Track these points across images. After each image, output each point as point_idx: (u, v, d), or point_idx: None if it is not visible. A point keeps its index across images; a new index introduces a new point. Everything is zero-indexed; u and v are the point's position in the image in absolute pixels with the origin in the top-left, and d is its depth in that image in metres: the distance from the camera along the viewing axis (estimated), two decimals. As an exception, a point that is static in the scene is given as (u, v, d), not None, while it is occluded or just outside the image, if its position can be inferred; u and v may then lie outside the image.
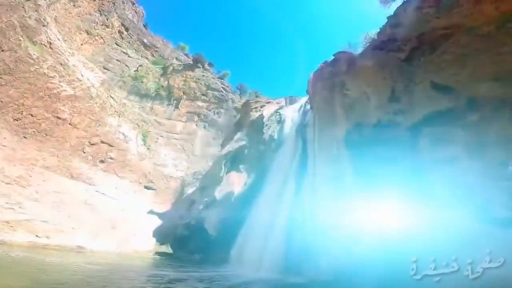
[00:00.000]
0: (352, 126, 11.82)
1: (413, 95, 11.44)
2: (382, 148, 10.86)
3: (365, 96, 13.13)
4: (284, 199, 18.39)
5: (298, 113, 30.77)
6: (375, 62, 14.79)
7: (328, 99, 15.23)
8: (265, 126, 29.37)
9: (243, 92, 54.11)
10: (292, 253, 13.04)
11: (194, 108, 45.65)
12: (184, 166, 39.72)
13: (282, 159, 24.69)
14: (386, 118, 10.90)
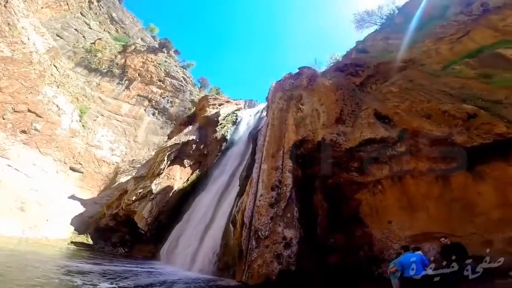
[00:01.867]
0: (299, 140, 12.57)
1: (357, 120, 12.74)
2: (319, 167, 11.82)
3: (316, 113, 14.16)
4: (227, 201, 18.41)
5: (254, 118, 32.09)
6: (333, 82, 16.07)
7: (284, 109, 15.96)
8: (220, 124, 29.12)
9: (204, 87, 52.90)
10: (228, 255, 13.06)
11: (147, 93, 42.79)
12: (122, 151, 36.47)
13: (231, 161, 24.78)
14: (330, 137, 11.93)
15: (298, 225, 9.92)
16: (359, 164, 11.28)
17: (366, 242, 11.13)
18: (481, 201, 9.38)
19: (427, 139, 9.90)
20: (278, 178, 10.66)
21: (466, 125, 9.15)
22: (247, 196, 11.52)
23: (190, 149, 27.14)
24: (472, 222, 9.40)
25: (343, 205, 11.72)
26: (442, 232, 9.43)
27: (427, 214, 10.24)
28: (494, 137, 8.62)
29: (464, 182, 9.64)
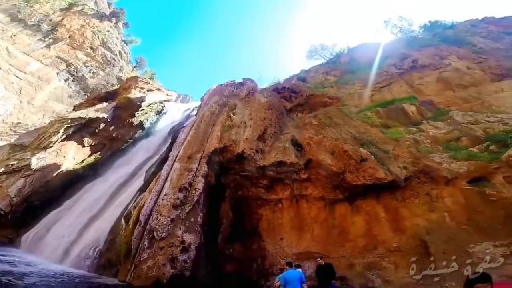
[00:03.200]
0: (221, 148, 12.57)
1: (275, 142, 13.70)
2: (233, 177, 12.04)
3: (244, 126, 14.54)
4: (125, 194, 16.43)
5: (183, 114, 30.23)
6: (268, 101, 16.94)
7: (215, 114, 15.75)
8: (141, 110, 26.29)
9: (140, 67, 47.71)
10: (113, 252, 11.45)
11: (69, 57, 35.54)
12: (7, 110, 28.42)
13: (142, 152, 22.47)
14: (249, 152, 12.43)
15: (200, 231, 9.67)
16: (268, 182, 12.06)
17: (260, 255, 11.75)
18: (353, 230, 11.25)
19: (326, 171, 11.41)
20: (189, 181, 10.25)
21: (357, 166, 11.00)
22: (149, 193, 10.57)
23: (96, 127, 23.35)
24: (343, 246, 11.09)
25: (246, 217, 12.20)
26: (320, 253, 10.84)
27: (311, 236, 11.64)
28: (374, 180, 10.62)
29: (344, 212, 11.50)
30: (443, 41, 20.47)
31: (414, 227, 10.07)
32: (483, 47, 18.66)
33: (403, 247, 10.09)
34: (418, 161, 10.44)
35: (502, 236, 8.59)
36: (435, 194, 9.99)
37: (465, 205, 9.44)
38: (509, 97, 13.38)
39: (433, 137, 11.64)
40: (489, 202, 9.01)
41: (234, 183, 11.92)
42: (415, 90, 16.89)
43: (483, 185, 9.39)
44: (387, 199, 10.78)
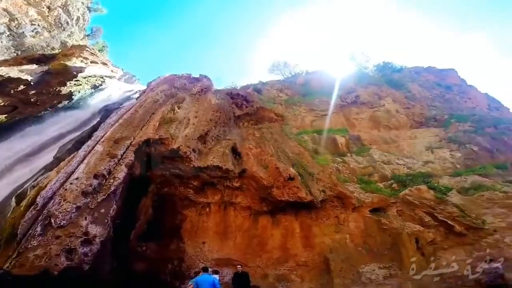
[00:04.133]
0: (155, 139, 11.76)
1: (216, 145, 13.53)
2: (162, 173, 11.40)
3: (186, 122, 13.94)
4: (26, 169, 13.92)
5: (122, 95, 27.86)
6: (219, 103, 16.70)
7: (159, 103, 14.74)
8: (75, 80, 23.15)
9: (93, 37, 42.30)
10: None
11: (19, 12, 28.95)
12: None
13: (61, 125, 19.53)
14: (185, 150, 11.88)
15: (110, 224, 8.75)
16: (199, 184, 11.80)
17: (178, 256, 11.38)
18: (271, 241, 11.82)
19: (257, 184, 11.83)
20: (109, 167, 9.21)
21: (284, 183, 11.66)
22: (56, 173, 9.16)
23: (14, 88, 19.53)
24: (260, 257, 11.54)
25: (168, 216, 11.66)
26: (240, 261, 11.05)
27: (234, 243, 11.81)
28: (296, 198, 11.40)
29: (266, 224, 12.03)
30: (387, 82, 23.28)
31: (321, 245, 11.16)
32: (416, 94, 21.99)
33: (310, 262, 11.06)
34: (335, 187, 11.67)
35: (386, 260, 10.16)
36: (342, 217, 11.29)
37: (363, 230, 10.91)
38: (419, 144, 16.09)
39: (352, 169, 13.22)
40: (382, 229, 10.60)
41: (162, 179, 11.27)
42: (349, 124, 18.99)
43: (380, 215, 11.03)
44: (304, 216, 11.72)
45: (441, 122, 18.10)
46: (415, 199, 10.82)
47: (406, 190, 11.26)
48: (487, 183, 11.46)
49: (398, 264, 9.92)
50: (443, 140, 15.67)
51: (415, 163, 13.72)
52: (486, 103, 23.43)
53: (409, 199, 10.91)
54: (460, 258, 9.64)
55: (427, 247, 10.06)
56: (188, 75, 19.64)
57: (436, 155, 14.34)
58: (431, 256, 9.88)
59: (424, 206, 10.66)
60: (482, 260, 8.86)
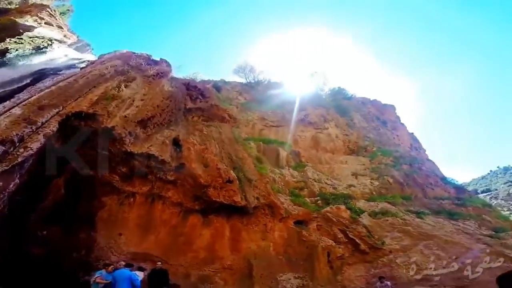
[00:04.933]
0: (88, 113, 10.54)
1: (157, 133, 12.71)
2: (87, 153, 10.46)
3: (130, 102, 12.67)
4: None
5: (66, 62, 24.65)
6: (172, 91, 15.77)
7: (105, 77, 13.20)
8: (18, 38, 20.47)
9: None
10: None
11: None
12: None
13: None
14: (121, 131, 10.78)
15: (6, 200, 7.50)
16: (128, 171, 11.04)
17: (86, 245, 10.38)
18: (199, 241, 11.65)
19: (194, 181, 11.65)
20: (22, 135, 7.91)
21: (222, 185, 11.72)
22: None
23: None
24: (185, 255, 11.23)
25: (84, 201, 10.58)
26: (160, 257, 10.59)
27: (156, 238, 11.27)
28: (231, 202, 11.53)
29: (196, 222, 11.84)
30: (335, 107, 25.16)
31: (248, 250, 11.47)
32: (356, 123, 24.33)
33: (235, 266, 11.21)
34: (268, 196, 12.23)
35: (301, 270, 10.92)
36: (270, 226, 11.86)
37: (286, 240, 11.60)
38: (347, 169, 18.02)
39: (286, 182, 14.08)
40: (301, 241, 11.43)
41: (85, 159, 10.20)
42: (294, 139, 20.25)
43: (302, 227, 11.91)
44: (235, 220, 11.93)
45: (370, 153, 20.61)
46: (334, 217, 12.05)
47: (327, 208, 12.46)
48: (392, 210, 13.41)
49: (310, 275, 10.71)
50: (367, 169, 17.87)
51: (340, 185, 15.29)
52: (409, 143, 27.45)
53: (329, 215, 12.09)
54: (360, 274, 10.99)
55: (336, 262, 11.19)
56: (148, 56, 18.47)
57: (359, 180, 16.27)
58: (338, 270, 11.00)
59: (340, 224, 11.91)
60: (376, 277, 10.26)
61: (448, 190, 18.92)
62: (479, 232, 12.98)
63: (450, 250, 10.94)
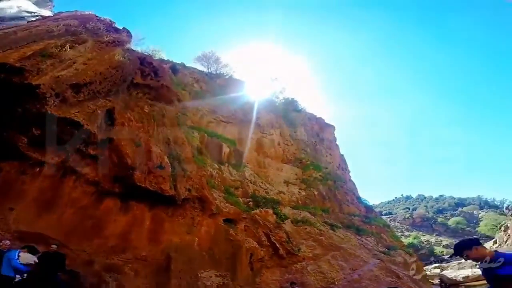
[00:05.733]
0: (13, 67, 8.64)
1: (88, 101, 11.01)
2: None
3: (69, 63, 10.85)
4: None
5: (17, 13, 20.82)
6: (123, 62, 13.53)
7: (47, 33, 11.28)
8: None
9: None
10: None
11: None
12: None
13: None
14: (46, 90, 9.12)
15: None
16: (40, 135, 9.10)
17: None
18: (112, 227, 10.48)
19: (119, 160, 10.51)
20: None
21: (152, 170, 10.82)
22: None
23: None
24: (91, 241, 9.96)
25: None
26: (59, 240, 9.11)
27: (59, 218, 9.65)
28: (158, 189, 10.73)
29: (112, 206, 10.59)
30: (284, 116, 25.87)
31: (168, 243, 10.83)
32: (299, 135, 25.42)
33: (151, 257, 10.42)
34: (202, 190, 11.86)
35: (223, 269, 10.89)
36: (197, 220, 11.49)
37: (212, 237, 11.42)
38: (281, 176, 18.91)
39: (223, 178, 13.93)
40: (228, 240, 11.43)
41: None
42: (239, 138, 20.21)
43: (231, 226, 11.94)
44: (159, 210, 11.15)
45: (304, 165, 22.10)
46: (261, 219, 12.44)
47: (257, 210, 12.80)
48: (311, 220, 14.62)
49: (232, 274, 10.80)
50: (298, 179, 19.15)
51: (272, 190, 15.95)
52: (339, 162, 30.47)
53: (257, 218, 12.42)
54: (276, 278, 11.59)
55: (257, 263, 11.56)
56: (111, 22, 16.10)
57: (289, 188, 17.29)
58: (258, 272, 11.39)
59: (265, 227, 12.36)
60: (289, 282, 10.98)
61: (360, 208, 21.72)
62: (376, 248, 15.19)
63: (352, 262, 12.49)
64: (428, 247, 66.34)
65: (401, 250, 17.36)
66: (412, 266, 15.59)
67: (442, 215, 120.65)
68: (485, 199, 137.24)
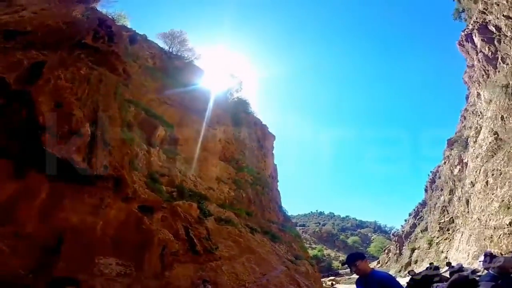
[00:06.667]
0: None
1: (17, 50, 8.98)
2: None
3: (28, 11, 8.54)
4: None
5: None
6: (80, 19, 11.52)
7: None
8: None
9: None
10: None
11: None
12: None
13: None
14: None
15: None
16: None
17: None
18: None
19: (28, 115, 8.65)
20: None
21: (67, 135, 9.12)
22: None
23: None
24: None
25: None
26: None
27: None
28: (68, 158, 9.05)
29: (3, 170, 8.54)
30: (234, 115, 25.54)
31: (64, 222, 9.17)
32: (241, 137, 25.36)
33: (37, 235, 8.57)
34: (121, 169, 10.53)
35: (128, 258, 9.81)
36: (107, 202, 10.08)
37: (122, 222, 10.18)
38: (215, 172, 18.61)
39: (150, 162, 12.76)
40: (140, 228, 10.37)
41: None
42: (180, 125, 19.01)
43: (146, 214, 10.91)
44: (62, 184, 9.38)
45: (239, 166, 22.25)
46: (183, 212, 11.77)
47: (180, 202, 12.08)
48: (235, 221, 14.67)
49: (137, 265, 9.87)
50: (231, 179, 19.13)
51: (202, 185, 15.43)
52: (271, 171, 32.14)
53: (178, 210, 11.70)
54: (188, 274, 11.09)
55: (169, 257, 10.81)
56: None
57: (220, 186, 17.05)
58: (169, 265, 10.68)
59: (186, 221, 11.76)
60: (202, 279, 10.67)
61: (279, 216, 22.96)
62: (286, 256, 16.15)
63: (263, 267, 12.92)
64: (328, 260, 74.85)
65: (306, 260, 18.92)
66: (312, 277, 17.11)
67: (344, 233, 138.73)
68: (379, 224, 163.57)
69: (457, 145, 39.53)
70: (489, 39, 25.25)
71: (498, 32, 23.77)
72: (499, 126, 22.37)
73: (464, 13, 34.64)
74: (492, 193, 21.83)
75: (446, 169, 43.33)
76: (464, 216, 29.73)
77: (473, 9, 29.08)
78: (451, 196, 38.82)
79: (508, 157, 19.94)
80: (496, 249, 18.08)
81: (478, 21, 26.23)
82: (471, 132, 32.09)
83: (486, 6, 24.11)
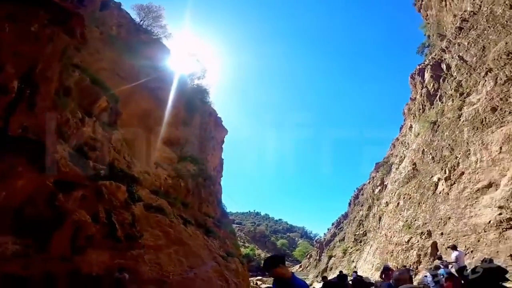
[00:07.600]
0: None
1: None
2: None
3: None
4: None
5: None
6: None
7: None
8: None
9: None
10: None
11: None
12: None
13: None
14: None
15: None
16: None
17: None
18: None
19: None
20: None
21: None
22: None
23: None
24: None
25: None
26: None
27: None
28: None
29: None
30: (189, 100, 24.07)
31: None
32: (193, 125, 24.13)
33: None
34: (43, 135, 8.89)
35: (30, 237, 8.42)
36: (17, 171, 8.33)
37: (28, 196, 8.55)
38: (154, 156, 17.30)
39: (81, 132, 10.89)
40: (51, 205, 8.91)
41: None
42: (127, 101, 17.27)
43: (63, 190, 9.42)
44: None
45: (183, 154, 21.27)
46: (107, 193, 10.57)
47: (107, 182, 10.82)
48: (167, 210, 13.87)
49: (40, 245, 8.55)
50: (171, 166, 18.12)
51: (137, 167, 14.16)
52: (217, 164, 31.88)
53: (103, 190, 10.47)
54: (103, 260, 10.02)
55: (82, 240, 9.62)
56: None
57: (157, 171, 15.96)
58: (81, 249, 9.53)
59: (109, 203, 10.61)
60: (118, 267, 9.76)
61: (217, 211, 22.69)
62: (218, 252, 15.99)
63: (192, 260, 12.50)
64: (258, 260, 77.36)
65: (237, 258, 19.09)
66: (242, 275, 17.34)
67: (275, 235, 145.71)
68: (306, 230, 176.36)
69: (382, 169, 45.15)
70: (437, 76, 26.97)
71: (447, 71, 25.64)
72: (419, 158, 25.86)
73: (427, 49, 36.95)
74: (400, 213, 25.42)
75: (369, 188, 49.28)
76: (375, 231, 33.89)
77: (437, 46, 31.00)
78: (368, 211, 44.03)
79: (419, 185, 23.48)
80: (394, 263, 21.04)
81: (435, 58, 28.27)
82: (396, 160, 36.70)
83: (448, 45, 25.96)
